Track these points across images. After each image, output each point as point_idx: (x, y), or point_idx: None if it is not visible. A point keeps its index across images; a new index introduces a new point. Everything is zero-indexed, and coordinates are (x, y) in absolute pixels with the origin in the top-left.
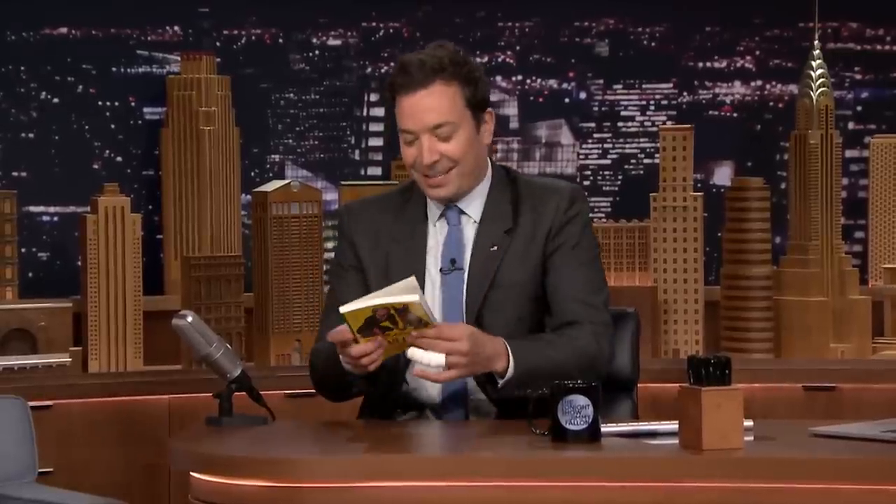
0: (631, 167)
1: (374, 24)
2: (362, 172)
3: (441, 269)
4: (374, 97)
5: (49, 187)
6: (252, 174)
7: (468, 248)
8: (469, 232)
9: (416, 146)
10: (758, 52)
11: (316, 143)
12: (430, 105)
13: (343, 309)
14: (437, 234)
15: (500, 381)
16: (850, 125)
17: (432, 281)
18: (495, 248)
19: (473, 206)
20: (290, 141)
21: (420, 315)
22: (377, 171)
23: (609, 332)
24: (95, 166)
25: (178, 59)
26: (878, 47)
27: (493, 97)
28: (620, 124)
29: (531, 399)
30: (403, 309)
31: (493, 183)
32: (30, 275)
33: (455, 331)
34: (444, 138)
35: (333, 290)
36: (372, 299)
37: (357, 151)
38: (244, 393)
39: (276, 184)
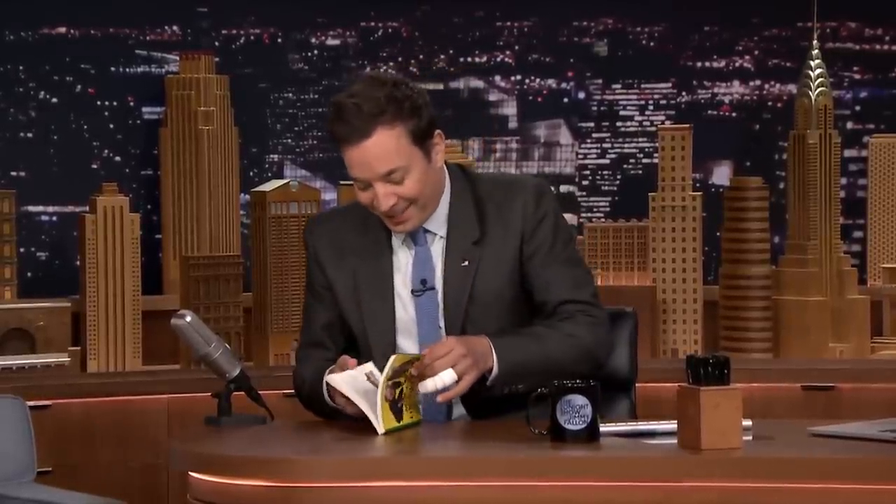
0: (630, 167)
1: (372, 23)
2: None
3: (413, 291)
4: None
5: (48, 187)
6: (251, 174)
7: (438, 267)
8: (437, 249)
9: (369, 192)
10: (756, 52)
11: (315, 142)
12: (376, 154)
13: (382, 432)
14: (404, 254)
15: (489, 378)
16: (849, 125)
17: (403, 303)
18: (467, 262)
19: (437, 222)
20: (289, 140)
21: (405, 360)
22: None
23: (604, 323)
24: (94, 166)
25: (177, 58)
26: (877, 47)
27: (492, 97)
28: (619, 124)
29: (529, 398)
30: (398, 371)
31: (453, 191)
32: (28, 274)
33: (443, 345)
34: (398, 182)
35: (308, 316)
36: (378, 395)
37: None
38: (243, 393)
39: (274, 183)
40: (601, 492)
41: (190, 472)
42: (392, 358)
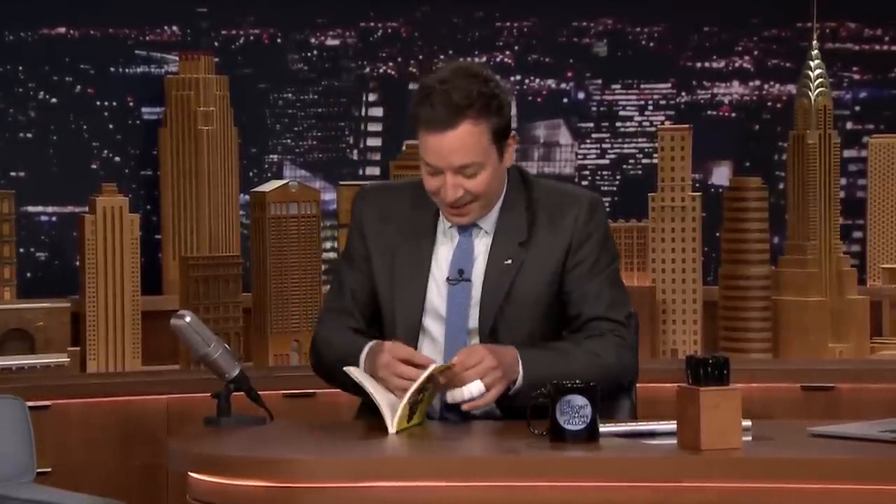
0: (629, 167)
1: (372, 24)
2: (360, 172)
3: (448, 279)
4: (372, 97)
5: (47, 187)
6: (250, 174)
7: (478, 260)
8: (480, 243)
9: (438, 178)
10: (756, 53)
11: (314, 143)
12: (456, 147)
13: (395, 431)
14: (446, 241)
15: (512, 389)
16: (849, 125)
17: (438, 289)
18: (510, 261)
19: (487, 218)
20: (289, 141)
21: (441, 370)
22: (375, 171)
23: (632, 347)
24: (94, 166)
25: (177, 58)
26: (877, 47)
27: None
28: (619, 124)
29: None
30: (430, 377)
31: (508, 191)
32: (28, 275)
33: (474, 354)
34: (469, 176)
35: (340, 282)
36: (406, 397)
37: (355, 151)
38: (242, 393)
39: (274, 184)
40: (601, 492)
41: (189, 473)
42: (432, 367)
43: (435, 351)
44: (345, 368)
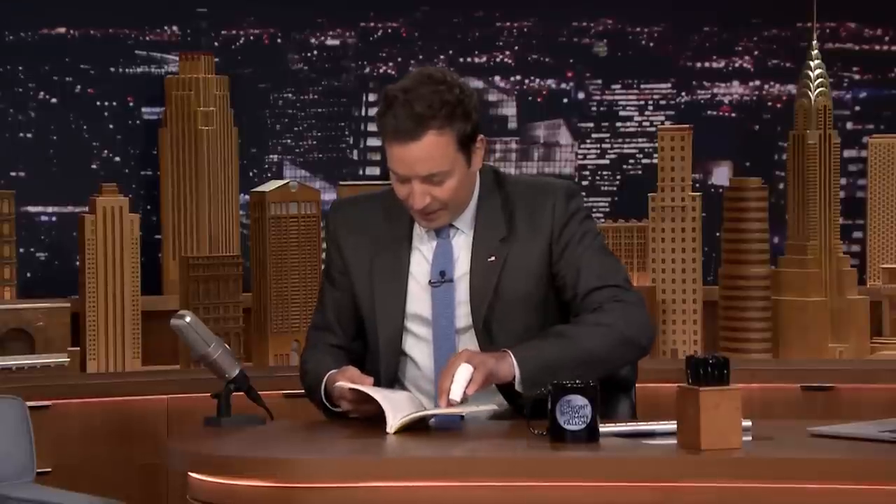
0: (629, 167)
1: (372, 24)
2: (361, 172)
3: (431, 282)
4: (372, 97)
5: (47, 187)
6: (250, 174)
7: (459, 260)
8: (459, 243)
9: (406, 186)
10: (756, 52)
11: (314, 143)
12: (421, 157)
13: (392, 432)
14: (425, 245)
15: (516, 384)
16: (849, 125)
17: (419, 293)
18: (493, 258)
19: (463, 218)
20: (289, 141)
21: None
22: (375, 170)
23: (637, 304)
24: (94, 166)
25: (177, 59)
26: (877, 47)
27: (492, 97)
28: (619, 124)
29: (527, 401)
30: None
31: (482, 190)
32: (28, 275)
33: (450, 360)
34: (437, 183)
35: (321, 299)
36: (420, 411)
37: (355, 151)
38: (242, 393)
39: (274, 184)
40: (601, 492)
41: (189, 473)
42: (444, 410)
43: (425, 354)
44: (338, 384)
